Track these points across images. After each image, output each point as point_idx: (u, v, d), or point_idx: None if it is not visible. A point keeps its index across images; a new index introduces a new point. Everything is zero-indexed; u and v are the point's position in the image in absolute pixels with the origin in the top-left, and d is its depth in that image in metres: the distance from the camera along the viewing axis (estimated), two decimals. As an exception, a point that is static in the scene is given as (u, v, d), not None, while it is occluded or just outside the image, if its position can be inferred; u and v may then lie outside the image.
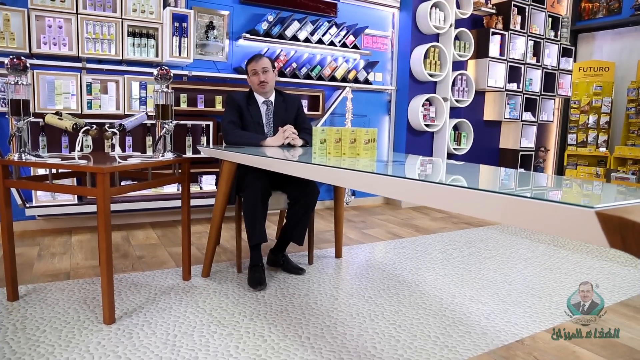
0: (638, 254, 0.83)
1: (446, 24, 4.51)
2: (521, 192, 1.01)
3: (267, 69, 2.59)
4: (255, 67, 2.58)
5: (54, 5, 3.02)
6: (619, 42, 5.59)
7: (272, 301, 2.16)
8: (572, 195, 1.07)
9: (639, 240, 0.81)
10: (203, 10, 3.65)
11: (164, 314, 1.98)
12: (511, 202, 0.93)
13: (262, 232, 2.36)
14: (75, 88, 3.14)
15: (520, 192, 1.07)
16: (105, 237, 1.78)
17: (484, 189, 0.99)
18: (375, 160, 1.75)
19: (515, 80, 5.22)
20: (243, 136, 2.52)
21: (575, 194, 1.09)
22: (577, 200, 0.95)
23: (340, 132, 1.84)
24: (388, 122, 4.79)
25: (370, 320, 1.98)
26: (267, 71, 2.59)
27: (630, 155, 5.02)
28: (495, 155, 5.60)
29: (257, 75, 2.58)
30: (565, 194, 1.08)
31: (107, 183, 1.76)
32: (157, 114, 2.20)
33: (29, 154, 1.95)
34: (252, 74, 2.61)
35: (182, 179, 2.29)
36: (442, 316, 2.04)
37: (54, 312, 1.95)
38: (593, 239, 0.85)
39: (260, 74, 2.58)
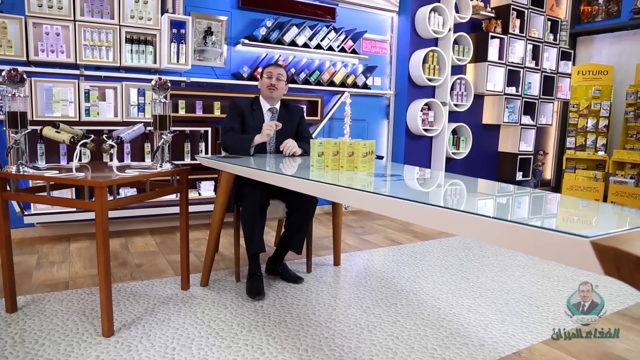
0: (632, 283, 0.83)
1: (445, 28, 4.51)
2: (518, 217, 1.01)
3: (282, 78, 2.64)
4: (272, 71, 2.62)
5: (52, 12, 3.02)
6: (617, 46, 5.59)
7: (270, 311, 2.17)
8: (568, 222, 1.07)
9: (633, 270, 0.81)
10: (201, 15, 3.65)
11: (162, 326, 1.98)
12: (507, 227, 0.93)
13: (260, 242, 2.36)
14: (73, 95, 3.14)
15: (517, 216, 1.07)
16: (103, 251, 1.78)
17: (480, 213, 0.99)
18: (373, 174, 1.75)
19: (514, 83, 5.22)
20: (236, 138, 2.53)
21: (571, 218, 1.09)
22: (573, 227, 0.95)
23: (338, 145, 1.84)
24: (387, 126, 4.79)
25: (368, 332, 1.99)
26: (280, 79, 2.63)
27: (629, 160, 5.03)
28: (494, 158, 5.61)
29: (271, 78, 2.61)
30: (562, 218, 1.08)
31: (105, 196, 1.76)
32: (155, 124, 2.19)
33: (26, 166, 1.95)
34: (266, 76, 2.62)
35: (181, 189, 2.29)
36: (439, 327, 2.05)
37: (52, 324, 1.95)
38: (588, 267, 0.86)
39: (273, 78, 2.61)
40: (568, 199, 1.45)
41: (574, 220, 1.09)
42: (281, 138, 2.67)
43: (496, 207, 1.22)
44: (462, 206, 1.22)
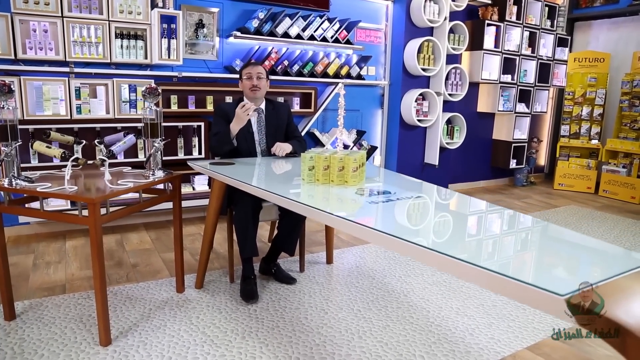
0: (603, 337, 0.87)
1: (440, 17, 4.44)
2: (504, 257, 1.04)
3: (262, 76, 2.61)
4: (251, 72, 2.59)
5: (38, 8, 2.95)
6: (615, 32, 5.53)
7: (263, 316, 2.22)
8: (549, 269, 1.10)
9: (604, 327, 0.85)
10: (192, 8, 3.57)
11: (158, 333, 2.03)
12: (488, 277, 0.96)
13: (253, 246, 2.40)
14: (64, 93, 3.11)
15: (504, 255, 1.11)
16: (98, 264, 1.81)
17: (462, 259, 1.02)
18: (363, 193, 1.77)
19: (510, 71, 5.19)
20: (218, 137, 2.54)
21: (554, 263, 1.13)
22: (550, 281, 0.98)
23: (328, 160, 1.85)
24: (381, 116, 4.78)
25: (358, 338, 2.05)
26: (261, 78, 2.61)
27: (622, 149, 5.05)
28: (488, 146, 5.63)
29: (251, 79, 2.59)
30: (545, 264, 1.11)
31: (98, 212, 1.78)
32: (146, 133, 2.19)
33: (19, 178, 1.96)
34: (246, 78, 2.61)
35: (174, 196, 2.30)
36: (428, 332, 2.11)
37: (51, 333, 2.00)
38: (562, 317, 0.89)
39: (254, 78, 2.58)
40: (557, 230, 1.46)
41: (556, 266, 1.13)
42: (271, 138, 2.67)
43: (482, 248, 1.24)
44: (447, 244, 1.25)
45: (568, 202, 4.94)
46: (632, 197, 4.94)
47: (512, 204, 4.84)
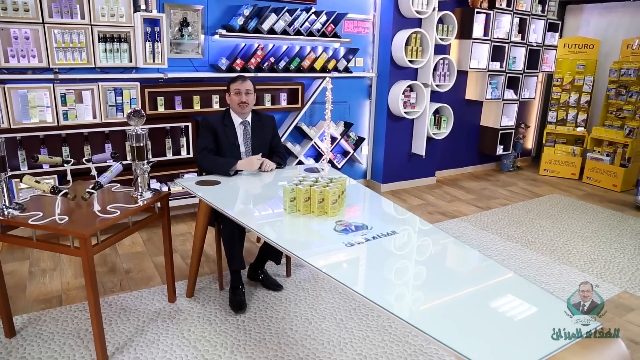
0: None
1: (429, 8, 4.38)
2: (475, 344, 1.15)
3: (250, 91, 2.66)
4: (240, 88, 2.62)
5: (18, 15, 2.90)
6: (606, 18, 5.49)
7: (251, 327, 2.36)
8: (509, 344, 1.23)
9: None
10: (176, 6, 3.52)
11: (152, 348, 2.17)
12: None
13: (240, 260, 2.50)
14: (50, 100, 3.11)
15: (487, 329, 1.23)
16: (92, 294, 1.91)
17: (434, 337, 1.16)
18: (341, 230, 1.85)
19: (499, 59, 5.18)
20: (215, 162, 2.60)
21: (513, 338, 1.25)
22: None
23: (309, 192, 1.93)
24: (369, 107, 4.80)
25: (339, 350, 2.20)
26: (249, 94, 2.65)
27: (606, 137, 5.14)
28: (475, 133, 5.69)
29: (240, 95, 2.63)
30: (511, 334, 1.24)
31: (89, 245, 1.86)
32: (133, 156, 2.24)
33: (10, 208, 2.02)
34: (234, 93, 2.64)
35: (162, 215, 2.38)
36: (405, 343, 2.27)
37: (50, 351, 2.12)
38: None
39: (242, 94, 2.62)
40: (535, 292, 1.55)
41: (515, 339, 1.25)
42: (256, 150, 2.74)
43: (459, 319, 1.36)
44: (421, 314, 1.36)
45: (552, 191, 5.07)
46: (614, 185, 5.08)
47: (497, 192, 4.96)
